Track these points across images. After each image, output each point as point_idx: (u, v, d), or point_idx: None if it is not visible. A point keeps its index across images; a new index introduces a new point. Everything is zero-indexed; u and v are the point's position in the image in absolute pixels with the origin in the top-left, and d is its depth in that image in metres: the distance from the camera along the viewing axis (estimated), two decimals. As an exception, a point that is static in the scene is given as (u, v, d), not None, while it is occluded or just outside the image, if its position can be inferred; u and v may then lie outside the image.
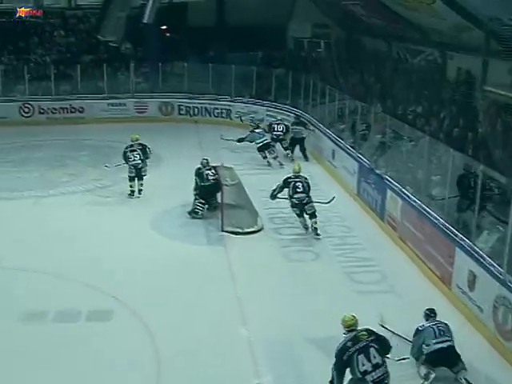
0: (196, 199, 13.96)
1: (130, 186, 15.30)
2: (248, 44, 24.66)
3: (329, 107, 19.12)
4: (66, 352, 8.66)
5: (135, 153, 15.23)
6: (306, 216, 13.03)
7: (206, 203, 13.96)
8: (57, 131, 22.18)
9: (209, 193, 13.94)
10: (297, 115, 20.49)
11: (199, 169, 14.10)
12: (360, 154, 15.55)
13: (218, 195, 13.66)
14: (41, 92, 25.02)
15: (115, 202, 15.06)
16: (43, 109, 24.60)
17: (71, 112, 24.54)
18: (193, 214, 13.95)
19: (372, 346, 7.22)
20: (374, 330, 7.58)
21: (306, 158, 18.91)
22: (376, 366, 7.14)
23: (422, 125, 14.99)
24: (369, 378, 7.11)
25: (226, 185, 13.39)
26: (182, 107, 24.64)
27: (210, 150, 18.33)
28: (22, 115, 24.49)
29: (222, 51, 26.07)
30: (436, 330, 8.14)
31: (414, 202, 11.98)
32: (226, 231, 13.04)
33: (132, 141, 15.45)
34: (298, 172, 13.36)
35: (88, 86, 24.98)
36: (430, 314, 8.51)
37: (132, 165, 15.17)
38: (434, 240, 10.95)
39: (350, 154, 16.08)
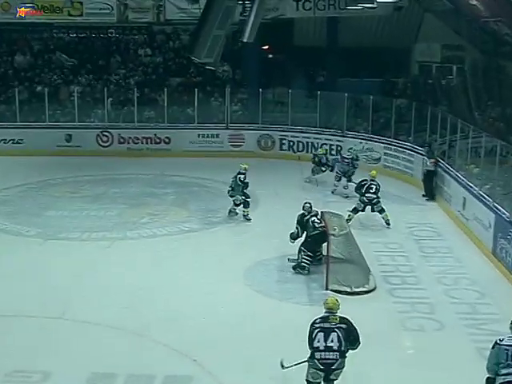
0: (303, 251, 13.92)
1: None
2: (364, 69, 24.78)
3: (460, 145, 18.84)
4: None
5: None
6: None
7: (314, 256, 13.94)
8: (138, 164, 22.82)
9: (317, 243, 13.92)
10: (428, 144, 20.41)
11: (303, 215, 14.14)
12: (497, 203, 15.18)
13: (324, 246, 13.63)
14: (122, 118, 25.89)
15: (202, 248, 15.24)
16: (124, 138, 25.46)
17: (156, 143, 25.27)
18: (298, 269, 13.92)
19: (335, 331, 8.74)
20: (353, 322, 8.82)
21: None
22: (329, 349, 8.65)
23: None
24: (317, 355, 8.68)
25: (334, 235, 13.35)
26: (284, 141, 24.92)
27: (314, 193, 18.40)
28: (100, 144, 25.46)
29: (333, 76, 26.23)
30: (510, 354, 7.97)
31: None
32: (332, 290, 12.92)
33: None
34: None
35: (176, 114, 25.67)
36: None
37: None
38: None
39: (484, 203, 15.72)
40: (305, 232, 14.11)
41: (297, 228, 14.20)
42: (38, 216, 17.55)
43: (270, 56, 28.53)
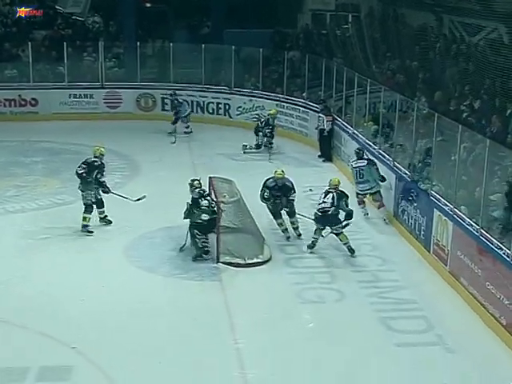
0: (198, 236, 13.42)
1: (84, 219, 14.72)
2: (252, 19, 24.82)
3: (358, 101, 19.18)
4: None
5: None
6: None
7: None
8: (1, 130, 22.25)
9: (212, 226, 13.49)
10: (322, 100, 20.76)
11: (196, 200, 13.44)
12: (398, 163, 15.55)
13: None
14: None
15: (78, 222, 14.98)
16: (-17, 100, 24.72)
17: (21, 105, 24.71)
18: (203, 255, 13.39)
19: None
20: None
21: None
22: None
23: (480, 126, 14.98)
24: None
25: (224, 202, 13.36)
26: (166, 101, 24.69)
27: (202, 158, 18.44)
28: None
29: (219, 27, 26.18)
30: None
31: (471, 226, 11.97)
32: (223, 262, 13.03)
33: (95, 156, 15.13)
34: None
35: (43, 72, 25.12)
36: None
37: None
38: (499, 277, 10.92)
39: (385, 163, 16.08)
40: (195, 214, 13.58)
41: (188, 210, 13.53)
42: None
43: (148, 5, 28.25)
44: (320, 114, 20.19)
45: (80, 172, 14.64)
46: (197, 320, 11.10)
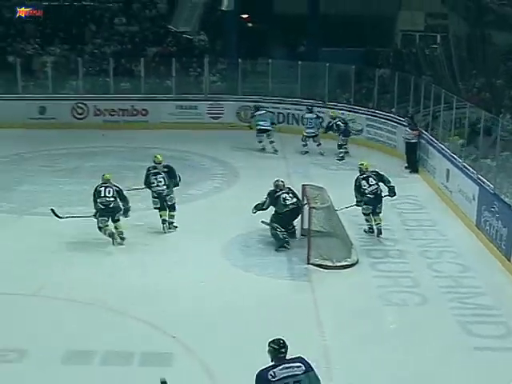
0: (277, 228, 13.83)
1: (160, 216, 14.87)
2: (346, 38, 24.71)
3: (444, 116, 18.89)
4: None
5: (158, 176, 14.90)
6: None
7: (286, 230, 13.98)
8: (115, 137, 22.68)
9: (289, 220, 14.05)
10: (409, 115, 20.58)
11: (274, 191, 14.02)
12: (481, 175, 15.26)
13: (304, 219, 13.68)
14: (97, 90, 25.71)
15: (179, 222, 15.13)
16: (99, 110, 25.36)
17: (133, 115, 25.18)
18: (286, 246, 13.82)
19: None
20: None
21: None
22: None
23: None
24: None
25: (315, 208, 13.35)
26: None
27: (297, 167, 18.48)
28: (75, 116, 25.34)
29: (315, 46, 26.18)
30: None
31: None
32: (313, 264, 13.01)
33: (155, 162, 15.20)
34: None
35: (153, 85, 25.54)
36: None
37: (156, 191, 14.84)
38: None
39: (468, 176, 15.80)
40: (274, 208, 13.98)
41: (264, 201, 14.02)
42: (10, 190, 17.44)
43: (250, 25, 28.42)
44: (407, 128, 19.95)
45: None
46: (287, 317, 11.09)
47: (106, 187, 14.16)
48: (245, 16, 27.46)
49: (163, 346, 10.15)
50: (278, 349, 7.12)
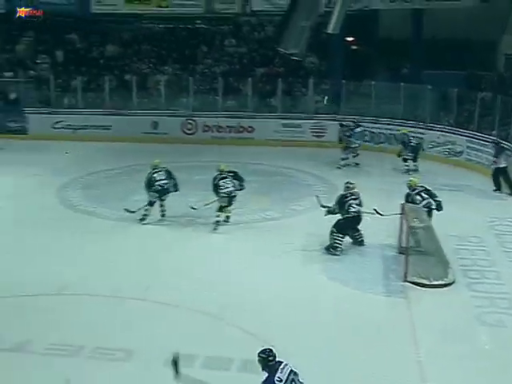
0: (334, 233, 14.21)
1: (217, 216, 15.91)
2: (448, 62, 24.31)
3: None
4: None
5: (227, 180, 16.03)
6: None
7: (345, 237, 14.29)
8: (222, 152, 22.95)
9: (348, 226, 14.37)
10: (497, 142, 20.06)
11: (343, 196, 14.40)
12: None
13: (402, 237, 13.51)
14: (207, 107, 26.13)
15: (282, 236, 15.26)
16: (208, 126, 25.73)
17: (239, 131, 25.44)
18: (331, 249, 14.21)
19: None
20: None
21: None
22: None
23: None
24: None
25: (414, 227, 13.19)
26: (366, 132, 24.61)
27: (392, 185, 18.34)
28: (185, 132, 25.77)
29: (417, 69, 25.88)
30: None
31: None
32: (410, 281, 12.81)
33: (219, 171, 16.23)
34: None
35: (259, 103, 25.79)
36: None
37: (225, 192, 15.85)
38: None
39: None
40: (339, 212, 14.29)
41: (334, 206, 14.40)
42: (123, 200, 17.87)
43: (355, 48, 28.33)
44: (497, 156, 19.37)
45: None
46: (382, 331, 10.96)
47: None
48: (350, 39, 27.39)
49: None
50: (266, 357, 7.60)
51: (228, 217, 16.11)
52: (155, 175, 16.23)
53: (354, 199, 14.38)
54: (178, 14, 28.46)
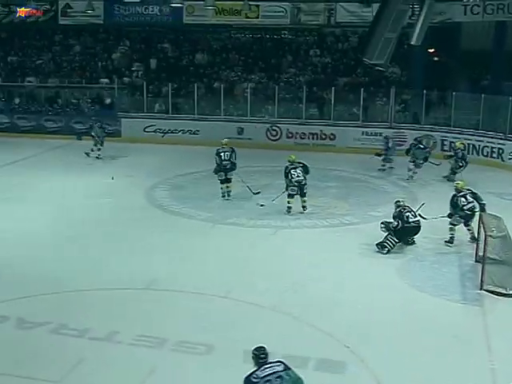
0: (390, 235, 14.48)
1: (288, 203, 16.96)
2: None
3: None
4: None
5: (298, 169, 16.90)
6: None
7: (398, 242, 14.56)
8: (304, 158, 22.85)
9: (406, 235, 14.62)
10: None
11: (400, 211, 14.55)
12: None
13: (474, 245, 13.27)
14: (290, 114, 26.23)
15: (360, 241, 15.15)
16: (291, 133, 25.90)
17: (321, 138, 25.43)
18: (379, 247, 14.45)
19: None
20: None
21: None
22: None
23: None
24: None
25: (492, 236, 12.88)
26: (445, 142, 24.25)
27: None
28: (269, 138, 25.90)
29: (498, 80, 25.35)
30: None
31: None
32: (486, 290, 12.51)
33: (290, 161, 17.19)
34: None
35: (341, 112, 25.72)
36: None
37: (296, 181, 16.72)
38: None
39: None
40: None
41: (397, 221, 14.48)
42: (208, 201, 18.09)
43: (436, 59, 27.96)
44: None
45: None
46: (457, 338, 10.75)
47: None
48: (431, 50, 27.03)
49: (337, 355, 10.12)
50: (258, 355, 7.67)
51: (304, 207, 17.08)
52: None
53: (409, 211, 14.63)
54: (265, 24, 28.68)
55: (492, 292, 12.46)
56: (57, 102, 28.78)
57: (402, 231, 14.47)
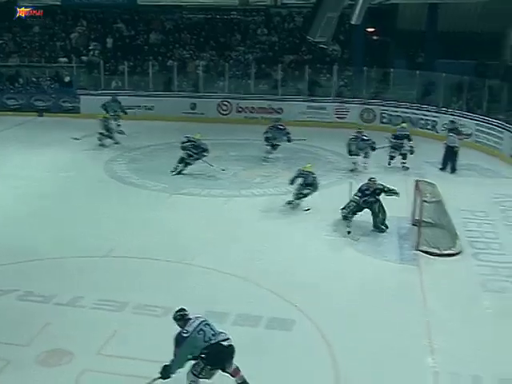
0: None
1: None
2: (460, 51, 24.06)
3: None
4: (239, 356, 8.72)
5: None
6: None
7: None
8: (253, 131, 22.89)
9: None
10: (452, 120, 20.03)
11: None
12: None
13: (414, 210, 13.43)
14: (240, 90, 26.14)
15: (313, 211, 15.19)
16: (241, 107, 25.73)
17: (269, 112, 25.36)
18: (376, 230, 13.97)
19: None
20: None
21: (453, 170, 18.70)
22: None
23: None
24: None
25: (426, 201, 13.12)
26: (384, 115, 24.47)
27: (412, 164, 18.27)
28: (220, 112, 25.78)
29: (432, 58, 25.63)
30: None
31: None
32: (421, 250, 12.76)
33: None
34: None
35: (288, 87, 25.75)
36: None
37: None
38: None
39: None
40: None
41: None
42: (163, 174, 17.96)
43: (375, 38, 28.10)
44: (450, 134, 19.06)
45: None
46: (395, 295, 10.98)
47: None
48: (371, 30, 27.15)
49: (286, 314, 10.26)
50: (183, 315, 8.13)
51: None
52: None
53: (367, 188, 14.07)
54: (215, 5, 28.43)
55: (427, 252, 12.71)
56: (18, 80, 28.13)
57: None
